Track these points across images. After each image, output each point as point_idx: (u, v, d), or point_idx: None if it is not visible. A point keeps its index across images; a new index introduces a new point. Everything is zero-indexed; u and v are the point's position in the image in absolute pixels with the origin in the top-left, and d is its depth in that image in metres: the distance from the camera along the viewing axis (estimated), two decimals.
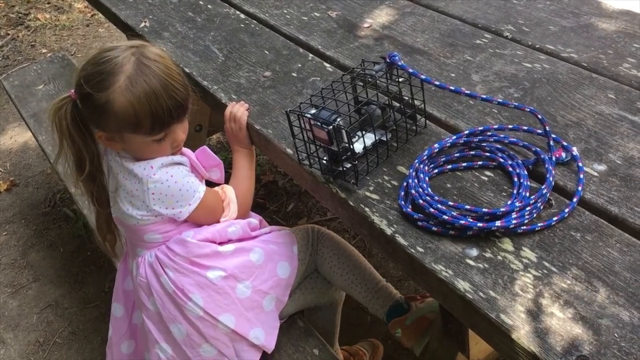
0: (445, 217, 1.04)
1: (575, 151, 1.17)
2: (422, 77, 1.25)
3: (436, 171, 1.17)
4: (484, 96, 1.28)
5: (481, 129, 1.24)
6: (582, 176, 1.11)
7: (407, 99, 1.27)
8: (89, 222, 1.94)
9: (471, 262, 0.99)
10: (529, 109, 1.21)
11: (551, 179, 1.09)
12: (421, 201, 1.08)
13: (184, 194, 1.28)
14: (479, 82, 1.43)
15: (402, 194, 1.12)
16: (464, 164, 1.18)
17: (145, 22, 1.90)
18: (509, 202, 1.07)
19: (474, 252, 1.01)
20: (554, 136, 1.20)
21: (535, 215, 1.05)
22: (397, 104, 1.28)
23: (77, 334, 2.17)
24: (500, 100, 1.30)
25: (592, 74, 1.42)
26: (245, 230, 1.39)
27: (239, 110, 1.42)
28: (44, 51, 4.07)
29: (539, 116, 1.18)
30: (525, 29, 1.63)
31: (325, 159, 1.20)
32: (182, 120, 1.28)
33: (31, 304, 2.31)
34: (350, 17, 1.79)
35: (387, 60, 1.26)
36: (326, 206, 1.41)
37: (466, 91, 1.27)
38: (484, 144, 1.21)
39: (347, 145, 1.14)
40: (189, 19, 1.89)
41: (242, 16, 1.89)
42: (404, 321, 1.49)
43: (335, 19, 1.80)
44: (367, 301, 1.53)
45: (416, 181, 1.12)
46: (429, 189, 1.11)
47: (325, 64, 1.59)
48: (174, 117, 1.24)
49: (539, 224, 1.03)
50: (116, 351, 1.50)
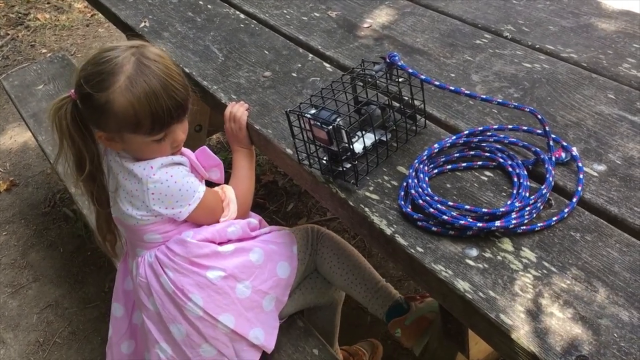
0: (445, 217, 1.04)
1: (575, 151, 1.17)
2: (422, 77, 1.25)
3: (436, 171, 1.17)
4: (484, 96, 1.28)
5: (481, 129, 1.25)
6: (581, 176, 1.11)
7: (407, 99, 1.27)
8: (89, 222, 1.94)
9: (471, 262, 0.99)
10: (528, 109, 1.21)
11: (551, 179, 1.09)
12: (421, 201, 1.08)
13: (184, 194, 1.29)
14: (478, 82, 1.43)
15: (402, 194, 1.12)
16: (464, 164, 1.18)
17: (145, 22, 1.90)
18: (509, 202, 1.07)
19: (474, 252, 1.01)
20: (553, 136, 1.20)
21: (535, 215, 1.05)
22: (397, 104, 1.28)
23: (77, 334, 2.17)
24: (500, 100, 1.30)
25: (591, 74, 1.42)
26: (244, 230, 1.39)
27: (239, 110, 1.42)
28: (44, 51, 4.06)
29: (539, 116, 1.18)
30: (525, 29, 1.63)
31: (325, 159, 1.20)
32: (182, 120, 1.28)
33: (31, 304, 2.31)
34: (350, 17, 1.79)
35: (387, 60, 1.26)
36: (326, 206, 1.41)
37: (466, 91, 1.27)
38: (484, 144, 1.21)
39: (347, 145, 1.14)
40: (189, 19, 1.89)
41: (242, 16, 1.89)
42: (404, 321, 1.49)
43: (335, 19, 1.80)
44: (366, 301, 1.53)
45: (416, 181, 1.12)
46: (429, 189, 1.11)
47: (325, 64, 1.59)
48: (173, 117, 1.24)
49: (539, 224, 1.03)
50: (116, 351, 1.50)
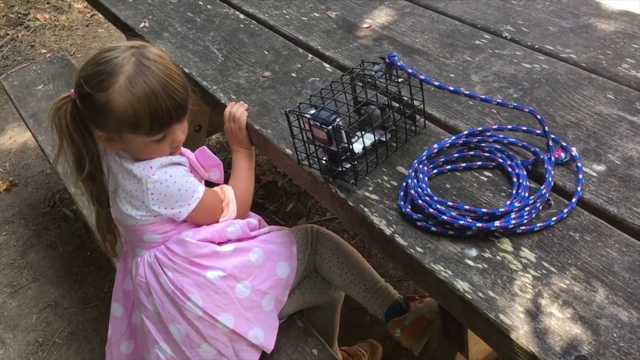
0: (444, 217, 1.04)
1: (574, 151, 1.17)
2: (422, 77, 1.25)
3: (435, 171, 1.17)
4: (483, 96, 1.28)
5: (480, 129, 1.25)
6: (581, 176, 1.11)
7: (406, 99, 1.27)
8: (89, 222, 1.94)
9: (470, 262, 0.99)
10: (528, 110, 1.21)
11: (550, 179, 1.09)
12: (420, 201, 1.08)
13: (183, 194, 1.29)
14: (478, 82, 1.43)
15: (402, 194, 1.12)
16: (463, 164, 1.18)
17: (144, 22, 1.90)
18: (508, 203, 1.07)
19: (473, 252, 1.01)
20: (553, 136, 1.20)
21: (534, 215, 1.05)
22: (397, 105, 1.28)
23: (76, 334, 2.17)
24: (499, 100, 1.30)
25: (591, 74, 1.42)
26: (244, 230, 1.39)
27: (239, 110, 1.42)
28: (44, 51, 4.06)
29: (538, 116, 1.18)
30: (524, 29, 1.64)
31: (324, 159, 1.20)
32: (181, 120, 1.28)
33: (30, 304, 2.31)
34: (349, 18, 1.80)
35: (387, 60, 1.26)
36: (325, 206, 1.41)
37: (465, 91, 1.27)
38: (483, 144, 1.21)
39: (346, 145, 1.14)
40: (189, 19, 1.89)
41: (242, 16, 1.89)
42: (403, 321, 1.49)
43: (334, 19, 1.80)
44: (366, 301, 1.53)
45: (415, 181, 1.12)
46: (428, 189, 1.11)
47: (324, 64, 1.59)
48: (173, 118, 1.24)
49: (538, 224, 1.03)
50: (115, 351, 1.50)
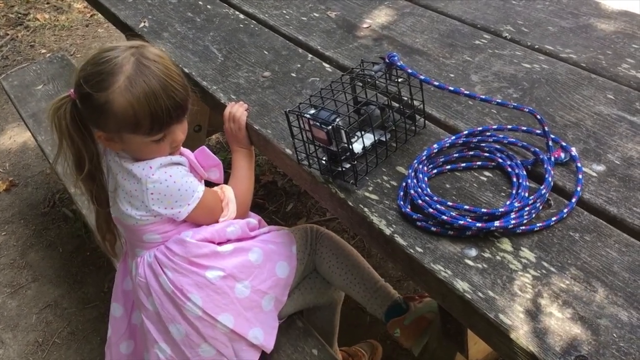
0: (444, 217, 1.04)
1: (574, 151, 1.17)
2: (421, 77, 1.25)
3: (435, 171, 1.17)
4: (483, 96, 1.28)
5: (480, 129, 1.25)
6: (580, 176, 1.11)
7: (406, 99, 1.27)
8: (89, 222, 1.94)
9: (470, 262, 0.99)
10: (527, 110, 1.21)
11: (550, 179, 1.09)
12: (420, 201, 1.08)
13: (183, 194, 1.29)
14: (478, 82, 1.43)
15: (401, 194, 1.12)
16: (463, 164, 1.18)
17: (144, 22, 1.90)
18: (508, 203, 1.07)
19: (473, 252, 1.01)
20: (552, 136, 1.20)
21: (534, 215, 1.05)
22: (396, 105, 1.28)
23: (76, 334, 2.17)
24: (499, 100, 1.30)
25: (591, 74, 1.42)
26: (244, 230, 1.39)
27: (238, 110, 1.42)
28: (43, 51, 4.06)
29: (538, 116, 1.18)
30: (524, 29, 1.64)
31: (324, 159, 1.20)
32: (181, 120, 1.28)
33: (30, 304, 2.31)
34: (349, 18, 1.80)
35: (386, 60, 1.26)
36: (325, 206, 1.41)
37: (465, 91, 1.27)
38: (483, 144, 1.21)
39: (346, 145, 1.14)
40: (188, 19, 1.89)
41: (242, 16, 1.89)
42: (403, 321, 1.49)
43: (334, 19, 1.80)
44: (365, 301, 1.53)
45: (415, 181, 1.12)
46: (428, 189, 1.11)
47: (324, 64, 1.59)
48: (173, 118, 1.24)
49: (538, 224, 1.03)
50: (115, 351, 1.50)
